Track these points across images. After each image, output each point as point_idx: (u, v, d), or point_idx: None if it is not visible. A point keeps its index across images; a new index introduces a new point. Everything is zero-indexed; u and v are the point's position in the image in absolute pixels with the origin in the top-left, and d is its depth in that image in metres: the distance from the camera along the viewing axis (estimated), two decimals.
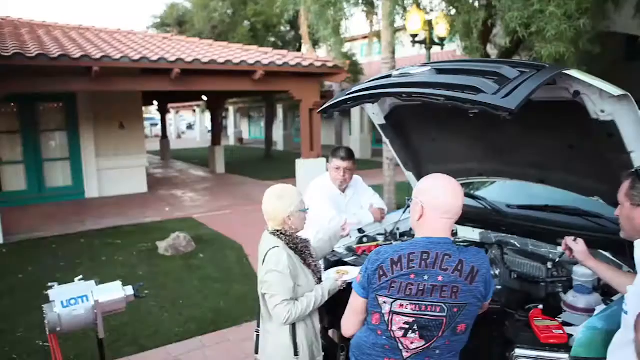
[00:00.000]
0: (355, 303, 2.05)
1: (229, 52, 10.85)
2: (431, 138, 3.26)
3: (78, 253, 7.33)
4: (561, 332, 2.00)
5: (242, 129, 36.50)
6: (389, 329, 1.90)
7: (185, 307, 5.39)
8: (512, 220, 3.09)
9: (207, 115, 20.41)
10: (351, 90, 2.65)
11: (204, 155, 19.57)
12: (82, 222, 9.42)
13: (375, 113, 3.28)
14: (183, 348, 4.52)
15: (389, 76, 2.54)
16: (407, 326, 1.87)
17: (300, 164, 11.11)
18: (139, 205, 11.10)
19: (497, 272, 3.17)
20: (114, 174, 12.29)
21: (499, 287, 3.03)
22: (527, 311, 2.22)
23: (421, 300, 1.85)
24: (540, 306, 2.24)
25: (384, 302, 1.90)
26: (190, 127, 47.70)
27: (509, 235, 3.14)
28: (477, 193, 3.72)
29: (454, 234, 3.46)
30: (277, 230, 2.57)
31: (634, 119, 2.08)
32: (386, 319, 1.90)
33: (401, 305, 1.87)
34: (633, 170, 1.89)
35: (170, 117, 44.00)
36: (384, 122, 3.31)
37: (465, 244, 3.31)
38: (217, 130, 17.59)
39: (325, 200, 3.46)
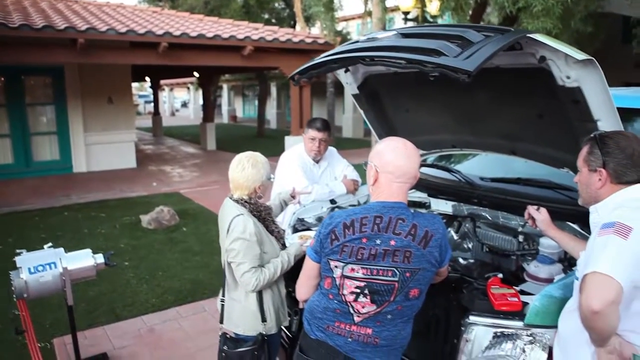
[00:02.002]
0: (309, 267, 2.03)
1: (219, 27, 10.70)
2: (405, 109, 3.22)
3: (61, 226, 7.29)
4: (516, 299, 1.98)
5: (235, 107, 36.28)
6: (340, 293, 1.88)
7: (164, 278, 5.39)
8: (485, 193, 3.07)
9: (201, 93, 20.21)
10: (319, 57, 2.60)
11: (196, 133, 19.45)
12: (68, 196, 9.36)
13: (349, 82, 3.23)
14: (159, 318, 4.53)
15: (357, 42, 2.50)
16: (358, 290, 1.85)
17: (290, 141, 11.06)
18: (127, 180, 11.04)
19: (469, 245, 3.17)
20: (102, 148, 12.19)
21: (471, 260, 3.03)
22: (487, 280, 2.20)
23: (373, 265, 1.82)
24: (500, 275, 2.22)
25: (336, 267, 1.88)
26: (184, 105, 47.36)
27: (481, 208, 3.12)
28: (458, 166, 3.70)
29: (427, 206, 3.44)
30: (242, 199, 2.54)
31: (599, 85, 2.04)
32: (337, 283, 1.88)
33: (352, 270, 1.85)
34: (592, 135, 1.85)
35: (164, 94, 43.70)
36: (357, 92, 3.26)
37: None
38: (209, 106, 17.46)
39: (297, 170, 3.44)
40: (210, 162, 14.05)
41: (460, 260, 2.99)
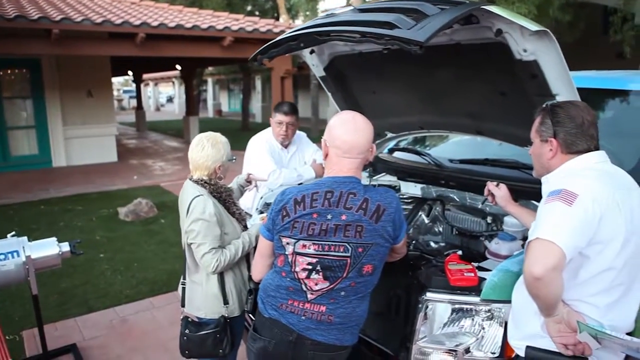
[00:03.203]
0: (262, 246, 2.00)
1: (198, 18, 10.58)
2: (371, 90, 3.18)
3: (36, 219, 7.17)
4: (472, 275, 1.96)
5: (221, 101, 36.05)
6: (293, 270, 1.85)
7: (140, 270, 5.33)
8: (452, 174, 3.05)
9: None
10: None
11: (180, 127, 19.26)
12: (46, 190, 9.22)
13: (315, 64, 3.19)
14: (132, 309, 4.48)
15: (317, 19, 2.46)
16: (310, 267, 1.82)
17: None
18: (107, 174, 10.90)
19: (440, 229, 3.15)
20: (82, 142, 12.00)
21: (442, 244, 3.01)
22: (446, 257, 2.18)
23: (324, 240, 1.79)
24: (459, 252, 2.21)
25: (287, 243, 1.84)
26: (170, 100, 46.96)
27: (449, 190, 3.10)
28: (434, 150, 3.69)
29: (397, 189, 3.42)
30: (202, 180, 2.49)
31: (555, 57, 2.01)
32: (290, 260, 1.85)
33: (304, 246, 1.81)
34: (543, 106, 1.83)
35: (149, 90, 43.30)
36: (323, 74, 3.21)
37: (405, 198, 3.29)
38: (192, 100, 17.31)
39: (265, 155, 3.39)
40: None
41: (432, 244, 2.98)
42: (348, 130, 1.84)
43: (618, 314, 1.62)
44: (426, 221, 3.22)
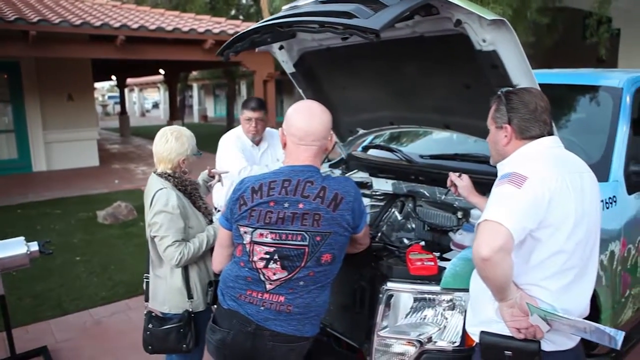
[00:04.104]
0: (221, 236, 1.99)
1: (180, 21, 10.54)
2: (341, 86, 3.19)
3: (12, 223, 7.05)
4: (432, 264, 1.96)
5: (206, 106, 35.93)
6: (250, 259, 1.83)
7: (116, 272, 5.27)
8: (422, 169, 3.07)
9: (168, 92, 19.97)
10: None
11: None
12: (24, 194, 9.08)
13: (285, 61, 3.19)
14: (107, 311, 4.43)
15: (280, 12, 2.46)
16: (267, 256, 1.80)
17: None
18: (88, 178, 10.78)
19: (413, 225, 3.16)
20: (63, 147, 11.86)
21: (415, 240, 3.02)
22: (409, 247, 2.18)
23: (281, 229, 1.78)
24: (422, 242, 2.21)
25: (245, 232, 1.83)
26: (156, 105, 46.70)
27: (419, 185, 3.11)
28: (408, 146, 3.71)
29: (369, 186, 3.42)
30: (166, 173, 2.48)
31: (513, 47, 2.03)
32: (247, 249, 1.84)
33: (261, 235, 1.80)
34: (498, 93, 1.84)
35: (134, 95, 43.05)
36: (294, 70, 3.21)
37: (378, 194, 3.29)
38: (175, 105, 17.26)
39: (235, 151, 3.38)
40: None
41: (405, 240, 2.98)
42: (302, 117, 1.85)
43: (571, 297, 1.62)
44: (399, 218, 3.22)
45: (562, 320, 1.49)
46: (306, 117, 1.86)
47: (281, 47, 3.08)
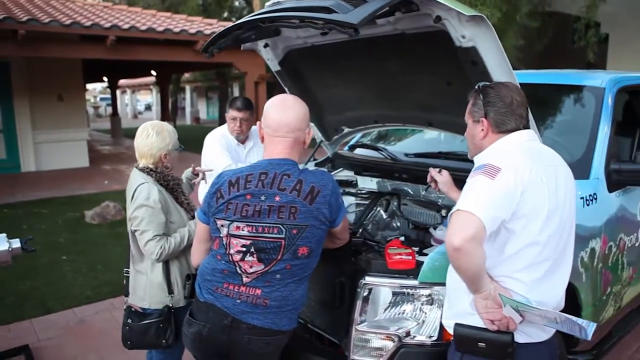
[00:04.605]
0: (199, 230, 1.99)
1: (171, 22, 10.53)
2: (326, 84, 3.20)
3: None
4: (410, 258, 1.96)
5: (199, 109, 35.87)
6: (227, 252, 1.83)
7: (103, 272, 5.23)
8: (407, 167, 3.07)
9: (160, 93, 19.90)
10: None
11: None
12: (12, 194, 9.01)
13: (270, 58, 3.18)
14: (91, 310, 4.39)
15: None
16: (244, 249, 1.80)
17: None
18: (78, 179, 10.72)
19: (398, 224, 3.16)
20: (52, 147, 11.79)
21: (400, 238, 3.02)
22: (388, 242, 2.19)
23: (258, 222, 1.78)
24: (402, 238, 2.21)
25: (222, 225, 1.83)
26: (148, 107, 46.53)
27: (403, 183, 3.12)
28: (396, 145, 3.75)
29: (354, 184, 3.42)
30: (147, 167, 2.47)
31: (493, 43, 2.04)
32: (224, 242, 1.83)
33: (238, 228, 1.80)
34: (476, 87, 1.85)
35: (126, 97, 42.92)
36: (279, 68, 3.21)
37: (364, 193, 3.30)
38: (166, 106, 17.21)
39: (220, 150, 3.38)
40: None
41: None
42: (277, 108, 1.88)
43: (545, 289, 1.63)
44: (384, 217, 3.22)
45: (534, 311, 1.50)
46: (280, 108, 1.88)
47: (266, 45, 3.07)
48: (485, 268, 1.58)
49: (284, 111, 1.87)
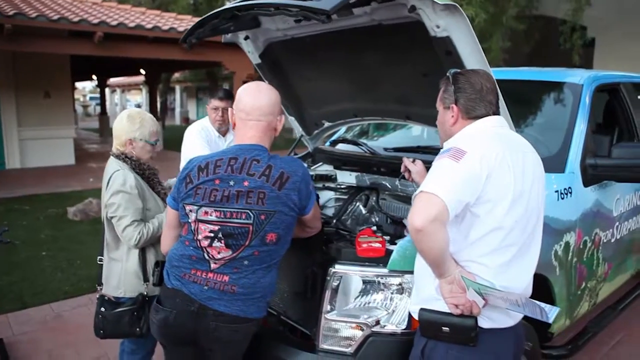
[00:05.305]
0: (169, 216, 1.98)
1: (160, 20, 10.49)
2: (306, 78, 3.19)
3: None
4: (379, 246, 1.95)
5: (189, 109, 35.74)
6: (195, 238, 1.81)
7: (82, 267, 5.18)
8: (385, 161, 3.07)
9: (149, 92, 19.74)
10: None
11: None
12: None
13: (250, 51, 3.17)
14: (69, 305, 4.35)
15: None
16: (212, 235, 1.79)
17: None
18: (63, 176, 10.62)
19: (377, 219, 3.15)
20: (38, 144, 11.67)
21: (379, 233, 3.01)
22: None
23: (226, 207, 1.77)
24: (374, 227, 2.20)
25: (190, 211, 1.82)
26: (138, 107, 46.24)
27: (382, 177, 3.11)
28: (379, 140, 3.79)
29: (333, 179, 3.41)
30: (123, 153, 2.46)
31: (466, 33, 2.04)
32: (192, 228, 1.82)
33: (206, 213, 1.79)
34: (447, 74, 1.85)
35: (116, 97, 42.67)
36: (259, 61, 3.19)
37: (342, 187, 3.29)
38: (155, 105, 17.11)
39: (200, 141, 3.36)
40: (154, 160, 13.69)
41: None
42: (250, 92, 1.90)
43: (511, 275, 1.62)
44: (364, 212, 3.21)
45: (495, 293, 1.49)
46: (254, 92, 1.89)
47: (247, 38, 3.06)
48: (450, 252, 1.58)
49: (258, 95, 1.88)
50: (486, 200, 1.55)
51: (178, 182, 1.86)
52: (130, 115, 2.45)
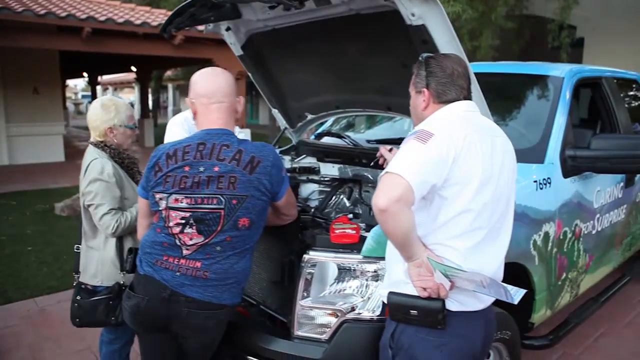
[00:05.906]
0: (141, 206, 1.98)
1: (150, 16, 10.44)
2: (288, 70, 3.18)
3: None
4: (354, 232, 1.95)
5: (181, 107, 35.64)
6: (166, 225, 1.80)
7: (68, 262, 5.12)
8: (366, 152, 3.07)
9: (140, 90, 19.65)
10: None
11: None
12: None
13: (232, 43, 3.16)
14: (53, 299, 4.32)
15: None
16: (183, 221, 1.78)
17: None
18: (52, 173, 10.54)
19: (360, 211, 3.15)
20: (26, 141, 11.57)
21: (362, 225, 3.01)
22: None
23: (196, 193, 1.76)
24: (350, 215, 2.20)
25: (160, 199, 1.81)
26: (131, 105, 46.00)
27: (364, 169, 3.11)
28: (365, 133, 3.84)
29: (317, 171, 3.40)
30: (101, 142, 2.45)
31: (442, 20, 2.04)
32: (163, 215, 1.81)
33: (177, 200, 1.78)
34: (419, 58, 1.85)
35: (108, 94, 42.48)
36: (241, 52, 3.19)
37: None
38: (146, 102, 17.03)
39: (182, 133, 3.32)
40: (145, 157, 13.56)
41: None
42: (207, 76, 1.92)
43: (480, 259, 1.62)
44: (347, 204, 3.21)
45: (461, 274, 1.49)
46: (210, 75, 1.93)
47: (228, 29, 3.05)
48: (419, 235, 1.57)
49: (215, 78, 1.91)
50: (454, 182, 1.55)
51: (147, 170, 1.85)
52: (104, 104, 2.44)
